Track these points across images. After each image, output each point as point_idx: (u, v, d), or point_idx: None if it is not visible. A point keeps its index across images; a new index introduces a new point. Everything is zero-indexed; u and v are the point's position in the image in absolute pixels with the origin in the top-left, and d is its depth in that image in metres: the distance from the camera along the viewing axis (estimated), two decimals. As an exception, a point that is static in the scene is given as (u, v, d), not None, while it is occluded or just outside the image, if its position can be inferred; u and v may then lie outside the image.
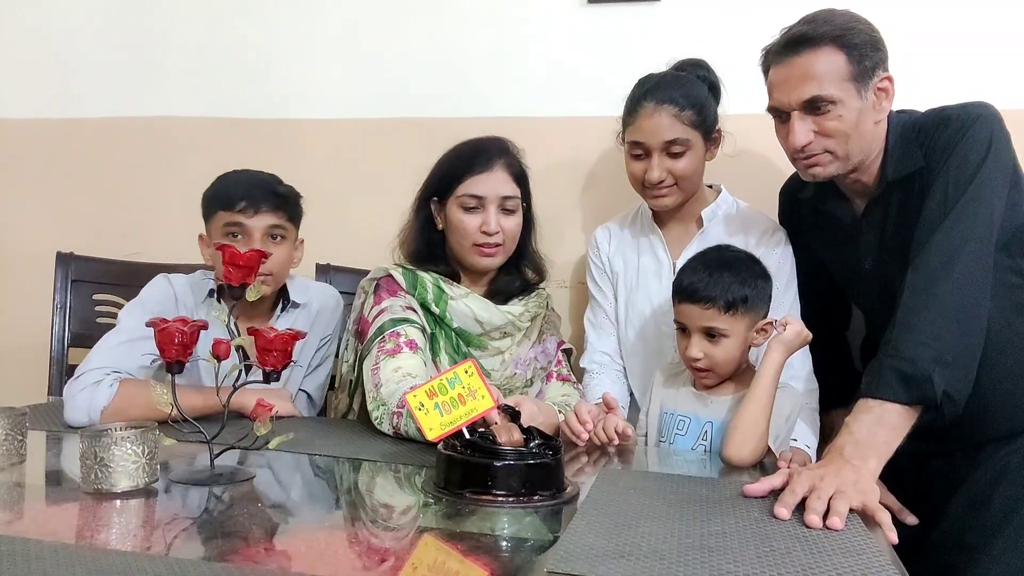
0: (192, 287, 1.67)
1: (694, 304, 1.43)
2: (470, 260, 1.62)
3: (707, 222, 1.69)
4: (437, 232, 1.65)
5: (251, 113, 2.21)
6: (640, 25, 1.99)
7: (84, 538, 0.93)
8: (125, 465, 1.05)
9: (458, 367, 1.17)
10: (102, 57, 2.30)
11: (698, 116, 1.60)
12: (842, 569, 0.85)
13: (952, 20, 1.85)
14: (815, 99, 1.37)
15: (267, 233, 1.62)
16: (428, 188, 1.65)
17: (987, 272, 1.30)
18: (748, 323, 1.43)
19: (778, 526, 0.99)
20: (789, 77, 1.40)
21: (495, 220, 1.58)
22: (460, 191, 1.58)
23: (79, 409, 1.43)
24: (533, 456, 1.10)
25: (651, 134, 1.59)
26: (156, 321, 1.12)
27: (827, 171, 1.44)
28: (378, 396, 1.46)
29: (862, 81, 1.37)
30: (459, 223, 1.59)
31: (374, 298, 1.59)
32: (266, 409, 1.14)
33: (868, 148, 1.42)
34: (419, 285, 1.61)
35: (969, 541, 1.41)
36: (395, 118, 2.12)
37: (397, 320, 1.55)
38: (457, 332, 1.62)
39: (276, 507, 1.10)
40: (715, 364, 1.43)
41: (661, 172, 1.60)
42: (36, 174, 2.32)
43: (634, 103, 1.63)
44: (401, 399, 1.38)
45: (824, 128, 1.39)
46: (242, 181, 1.64)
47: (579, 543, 0.89)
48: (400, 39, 2.13)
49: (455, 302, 1.60)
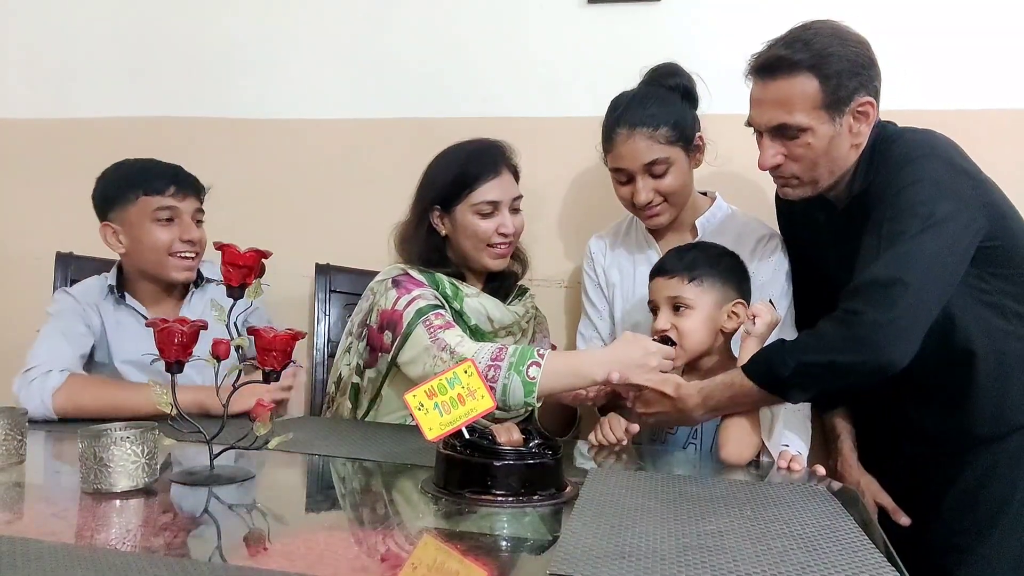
0: (92, 287, 1.72)
1: (660, 276, 1.48)
2: (482, 262, 1.64)
3: (702, 231, 1.68)
4: (439, 237, 1.65)
5: (251, 113, 2.21)
6: (640, 25, 1.99)
7: (84, 538, 0.93)
8: (125, 465, 1.05)
9: (457, 367, 1.17)
10: (102, 57, 2.30)
11: (674, 131, 1.58)
12: (840, 568, 0.85)
13: (952, 18, 1.85)
14: (783, 126, 1.40)
15: (194, 216, 1.69)
16: (431, 196, 1.64)
17: None
18: (714, 300, 1.45)
19: (775, 525, 0.99)
20: (763, 99, 1.42)
21: (511, 221, 1.61)
22: (475, 198, 1.59)
23: (32, 397, 1.48)
24: (533, 456, 1.10)
25: (630, 160, 1.58)
26: (156, 321, 1.12)
27: (796, 193, 1.48)
28: (455, 356, 1.42)
29: (836, 108, 1.38)
30: (475, 228, 1.60)
31: (397, 291, 1.56)
32: (266, 409, 1.15)
33: (840, 170, 1.44)
34: (438, 281, 1.62)
35: (959, 542, 1.41)
36: (395, 118, 2.12)
37: (434, 305, 1.54)
38: (472, 329, 1.62)
39: (276, 507, 1.10)
40: (683, 336, 1.44)
41: (647, 194, 1.59)
42: (36, 174, 2.32)
43: (608, 131, 1.62)
44: (496, 352, 1.41)
45: (792, 153, 1.42)
46: (157, 167, 1.69)
47: (579, 544, 0.89)
48: (400, 39, 2.13)
49: (470, 300, 1.62)
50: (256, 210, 2.17)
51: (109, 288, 1.70)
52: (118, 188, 1.66)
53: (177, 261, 1.66)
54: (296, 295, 2.12)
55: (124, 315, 1.69)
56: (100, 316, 1.67)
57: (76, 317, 1.65)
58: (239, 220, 2.14)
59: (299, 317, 2.11)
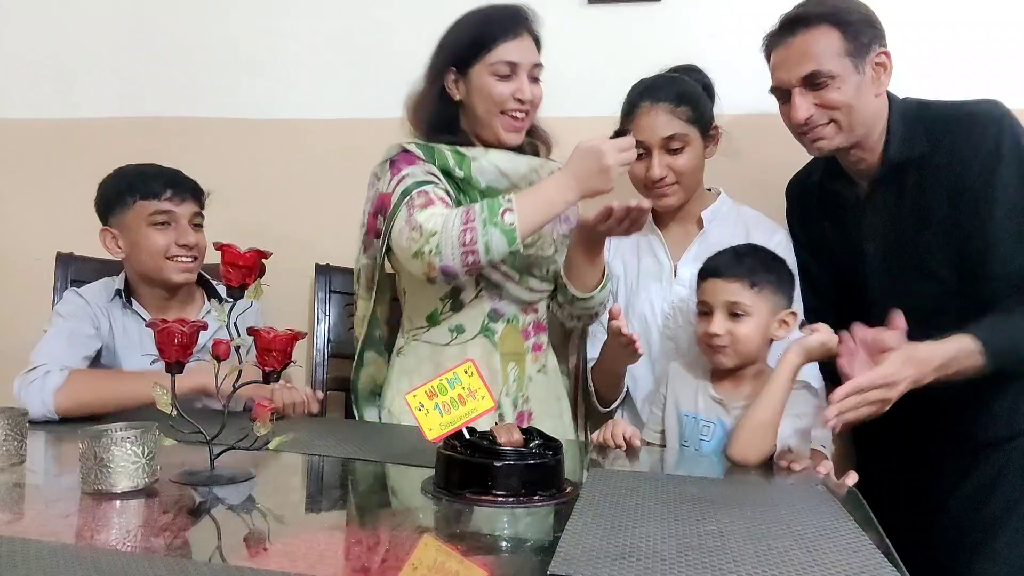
0: (101, 290, 1.72)
1: (719, 279, 1.43)
2: (495, 132, 1.56)
3: (707, 223, 1.69)
4: (452, 105, 1.59)
5: (251, 113, 2.21)
6: (640, 25, 1.99)
7: (84, 538, 0.93)
8: (125, 465, 1.05)
9: (458, 367, 1.17)
10: (102, 57, 2.30)
11: (694, 112, 1.62)
12: (840, 568, 0.85)
13: (959, 12, 1.85)
14: (813, 74, 1.43)
15: (191, 220, 1.68)
16: (446, 57, 1.57)
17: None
18: (771, 308, 1.42)
19: (775, 525, 0.99)
20: (788, 57, 1.46)
21: (529, 89, 1.55)
22: (492, 58, 1.52)
23: (32, 396, 1.47)
24: (533, 456, 1.10)
25: (649, 132, 1.60)
26: (156, 322, 1.12)
27: (832, 143, 1.48)
28: (424, 233, 1.40)
29: (858, 56, 1.43)
30: (490, 91, 1.53)
31: (391, 171, 1.53)
32: (266, 409, 1.15)
33: (870, 122, 1.46)
34: (437, 154, 1.55)
35: (968, 540, 1.41)
36: (395, 118, 2.11)
37: (420, 182, 1.49)
38: (485, 193, 1.55)
39: (276, 507, 1.10)
40: (736, 343, 1.41)
41: (662, 169, 1.60)
42: (36, 174, 2.32)
43: (630, 105, 1.65)
44: (464, 215, 1.39)
45: (825, 100, 1.44)
46: (153, 172, 1.68)
47: (579, 545, 0.89)
48: (400, 39, 2.12)
49: (477, 161, 1.55)
50: (256, 210, 2.17)
51: (116, 292, 1.69)
52: (116, 193, 1.66)
53: (174, 264, 1.66)
54: (296, 295, 2.12)
55: (130, 320, 1.69)
56: (109, 319, 1.67)
57: (85, 318, 1.64)
58: (239, 220, 2.14)
59: (299, 317, 2.11)
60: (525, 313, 1.63)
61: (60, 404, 1.48)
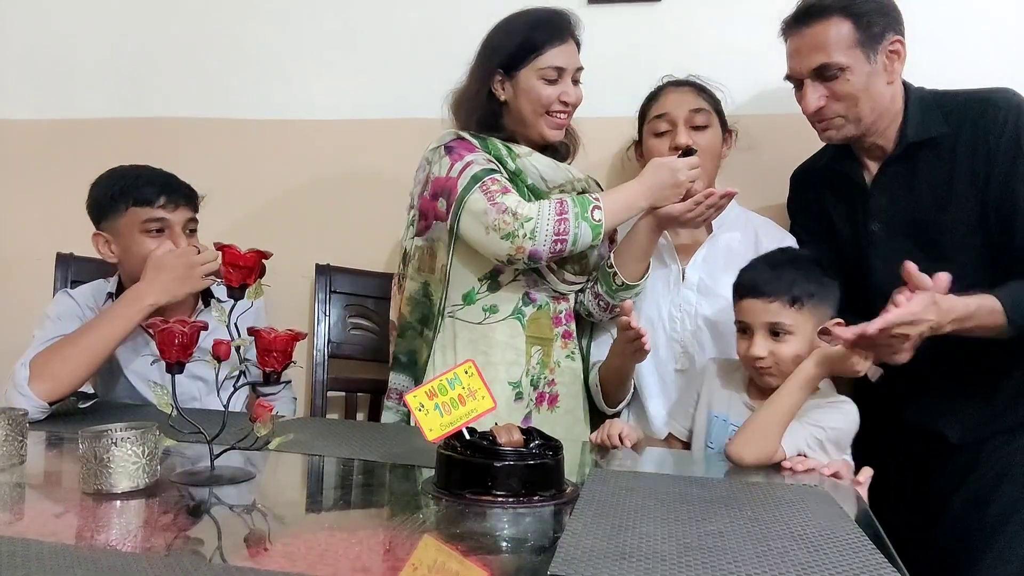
0: (93, 293, 1.71)
1: (757, 299, 1.36)
2: (539, 130, 1.63)
3: (716, 227, 1.69)
4: (498, 103, 1.64)
5: (251, 113, 2.21)
6: (640, 25, 1.99)
7: (84, 539, 0.93)
8: (125, 465, 1.05)
9: (458, 368, 1.17)
10: (102, 57, 2.30)
11: (715, 102, 1.68)
12: (840, 568, 0.85)
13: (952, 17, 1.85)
14: (823, 67, 1.46)
15: (185, 227, 1.65)
16: (495, 59, 1.63)
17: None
18: (815, 322, 1.35)
19: (774, 525, 0.99)
20: (800, 47, 1.49)
21: (572, 91, 1.62)
22: (541, 63, 1.59)
23: (16, 401, 1.44)
24: (533, 456, 1.10)
25: (676, 105, 1.66)
26: (156, 322, 1.12)
27: (841, 133, 1.52)
28: (519, 217, 1.47)
29: (870, 46, 1.45)
30: (538, 93, 1.60)
31: (450, 157, 1.58)
32: (266, 410, 1.15)
33: (881, 109, 1.49)
34: (491, 145, 1.61)
35: (970, 540, 1.41)
36: (395, 118, 2.12)
37: (489, 169, 1.55)
38: (530, 189, 1.61)
39: (276, 507, 1.10)
40: (780, 362, 1.35)
41: (686, 138, 1.64)
42: (36, 174, 2.32)
43: (656, 90, 1.72)
44: (558, 207, 1.50)
45: (835, 92, 1.47)
46: (148, 176, 1.65)
47: (579, 545, 0.89)
48: (400, 39, 2.13)
49: (522, 160, 1.62)
50: (256, 210, 2.17)
51: (108, 295, 1.68)
52: (109, 198, 1.63)
53: None
54: (296, 295, 2.12)
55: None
56: None
57: (74, 320, 1.62)
58: (239, 220, 2.15)
59: (299, 317, 2.11)
60: (557, 302, 1.67)
61: (39, 390, 1.45)
